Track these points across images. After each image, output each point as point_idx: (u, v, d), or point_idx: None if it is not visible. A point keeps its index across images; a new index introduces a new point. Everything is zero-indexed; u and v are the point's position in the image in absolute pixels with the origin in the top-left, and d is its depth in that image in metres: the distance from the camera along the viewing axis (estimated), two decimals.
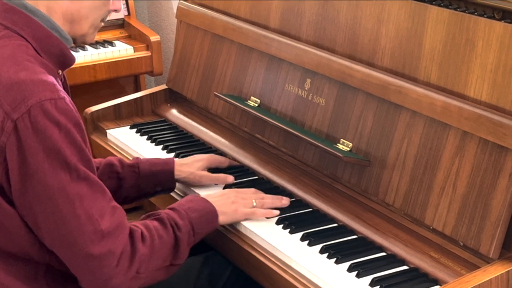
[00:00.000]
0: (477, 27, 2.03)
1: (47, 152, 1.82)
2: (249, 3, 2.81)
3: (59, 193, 1.85)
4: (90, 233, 1.87)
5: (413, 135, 2.14)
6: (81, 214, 1.86)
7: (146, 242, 1.98)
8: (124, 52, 3.89)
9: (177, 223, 2.06)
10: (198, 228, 2.10)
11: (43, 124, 1.82)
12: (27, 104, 1.82)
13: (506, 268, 1.87)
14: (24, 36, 1.96)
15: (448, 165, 2.04)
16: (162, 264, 2.02)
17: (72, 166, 1.85)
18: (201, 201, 2.18)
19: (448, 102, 2.05)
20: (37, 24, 1.98)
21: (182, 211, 2.10)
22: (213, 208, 2.17)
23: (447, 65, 2.10)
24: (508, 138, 1.90)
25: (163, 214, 2.08)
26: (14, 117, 1.82)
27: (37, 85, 1.84)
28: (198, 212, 2.12)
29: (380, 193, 2.21)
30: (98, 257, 1.88)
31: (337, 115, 2.37)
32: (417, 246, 2.09)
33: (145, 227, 2.01)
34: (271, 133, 2.61)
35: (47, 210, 1.86)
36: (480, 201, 1.95)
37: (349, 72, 2.33)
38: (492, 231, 1.91)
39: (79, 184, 1.87)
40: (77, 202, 1.86)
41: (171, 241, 2.04)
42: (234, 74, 2.80)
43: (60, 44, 2.01)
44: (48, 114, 1.83)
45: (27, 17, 1.97)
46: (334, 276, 2.01)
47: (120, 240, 1.91)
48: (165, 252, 2.02)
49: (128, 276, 1.94)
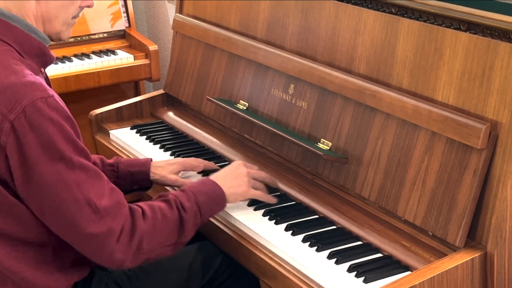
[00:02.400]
0: (444, 38, 2.03)
1: (43, 146, 1.84)
2: (238, 16, 2.80)
3: (58, 182, 1.85)
4: (90, 214, 1.88)
5: (386, 135, 2.14)
6: (80, 198, 1.87)
7: (147, 220, 1.98)
8: (125, 60, 3.88)
9: (183, 205, 2.06)
10: (205, 210, 2.10)
11: (37, 121, 1.83)
12: (22, 105, 1.83)
13: (471, 255, 1.87)
14: (6, 41, 1.96)
15: (418, 162, 2.03)
16: (166, 242, 2.02)
17: (67, 157, 1.86)
18: (211, 184, 2.17)
19: (418, 105, 2.04)
20: (16, 28, 1.97)
21: (191, 193, 2.10)
22: (222, 191, 2.16)
23: (418, 72, 2.10)
24: (472, 138, 1.89)
25: (171, 196, 2.08)
26: (11, 118, 1.83)
27: (27, 87, 1.85)
28: (207, 195, 2.12)
29: (356, 188, 2.21)
30: (99, 235, 1.89)
31: (318, 117, 2.36)
32: (390, 236, 2.08)
33: (149, 206, 2.01)
34: (258, 134, 2.60)
35: (49, 198, 1.87)
36: (447, 195, 1.95)
37: (328, 78, 2.32)
38: (458, 222, 1.90)
39: (75, 172, 1.87)
40: (75, 188, 1.87)
41: (175, 220, 2.03)
42: (224, 80, 2.79)
43: (39, 44, 2.01)
44: (41, 111, 1.83)
45: (5, 23, 1.97)
46: (315, 262, 2.01)
47: (119, 218, 1.92)
48: (168, 231, 2.01)
49: (130, 251, 1.94)
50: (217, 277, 2.25)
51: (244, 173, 2.26)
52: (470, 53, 1.96)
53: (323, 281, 1.94)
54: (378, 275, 1.93)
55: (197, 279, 2.22)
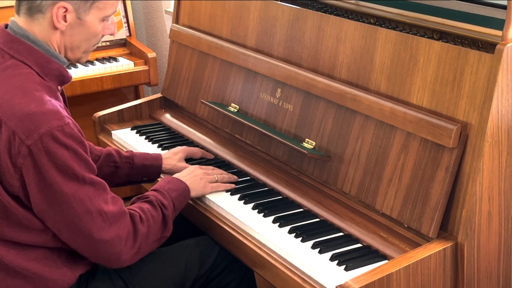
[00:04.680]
0: (419, 46, 2.02)
1: (58, 168, 1.86)
2: (230, 26, 2.79)
3: (72, 198, 1.88)
4: (100, 223, 1.92)
5: (365, 135, 2.13)
6: (92, 210, 1.90)
7: (144, 223, 2.03)
8: (126, 67, 3.88)
9: (163, 204, 2.11)
10: (178, 204, 2.16)
11: (53, 148, 1.85)
12: (39, 132, 1.84)
13: (443, 245, 1.86)
14: (28, 64, 1.96)
15: (395, 160, 2.02)
16: (155, 238, 2.08)
17: (79, 176, 1.89)
18: (177, 181, 2.22)
19: (394, 108, 2.03)
20: (38, 52, 1.97)
21: (165, 192, 2.15)
22: (187, 186, 2.22)
23: (394, 77, 2.09)
24: (444, 138, 1.88)
25: (152, 197, 2.12)
26: (28, 143, 1.84)
27: (46, 116, 1.86)
28: (177, 191, 2.17)
29: (338, 183, 2.19)
30: (109, 241, 1.93)
31: (303, 118, 2.35)
32: (369, 228, 2.07)
33: (141, 210, 2.05)
34: (248, 134, 2.59)
35: (64, 211, 1.89)
36: (421, 190, 1.94)
37: (312, 83, 2.31)
38: (432, 215, 1.90)
39: (86, 187, 1.90)
40: (88, 202, 1.90)
41: (160, 218, 2.08)
42: (217, 84, 2.78)
43: (59, 67, 2.02)
44: (57, 139, 1.85)
45: (29, 46, 1.96)
46: (300, 252, 2.00)
47: (123, 225, 1.96)
48: (157, 228, 2.07)
49: (133, 252, 2.00)
50: (214, 268, 2.24)
51: (200, 172, 2.31)
52: (442, 60, 1.95)
53: (308, 269, 1.93)
54: (358, 263, 1.92)
55: (194, 270, 2.21)
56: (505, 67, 1.80)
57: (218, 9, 2.86)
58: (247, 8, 2.69)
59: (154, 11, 4.44)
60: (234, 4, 2.77)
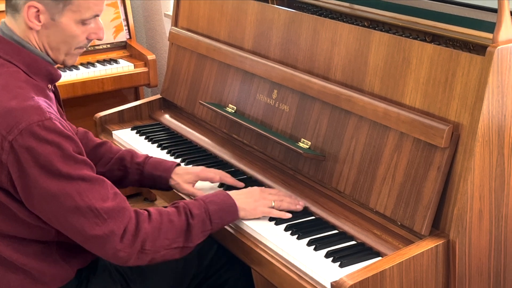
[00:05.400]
0: (412, 48, 2.01)
1: (40, 165, 1.80)
2: (227, 29, 2.79)
3: (60, 193, 1.82)
4: (93, 218, 1.84)
5: (360, 135, 2.12)
6: (82, 205, 1.83)
7: (152, 222, 1.92)
8: (126, 69, 3.88)
9: (191, 211, 1.98)
10: (216, 218, 2.01)
11: (34, 143, 1.79)
12: (19, 128, 1.79)
13: (435, 243, 1.86)
14: (15, 63, 1.93)
15: (388, 159, 2.02)
16: (172, 245, 1.94)
17: (64, 172, 1.81)
18: (224, 196, 2.08)
19: (388, 108, 2.03)
20: (24, 52, 1.94)
21: (202, 202, 2.02)
22: (234, 202, 2.07)
23: (388, 79, 2.08)
24: (437, 138, 1.88)
25: (181, 203, 2.00)
26: (9, 139, 1.80)
27: (26, 111, 1.81)
28: (218, 205, 2.03)
29: (333, 182, 2.19)
30: (102, 236, 1.85)
31: (299, 119, 2.35)
32: (363, 225, 2.07)
33: (157, 211, 1.96)
34: (245, 134, 2.58)
35: (53, 208, 1.84)
36: (414, 189, 1.93)
37: (308, 84, 2.31)
38: (424, 213, 1.89)
39: (75, 182, 1.83)
40: (77, 197, 1.83)
41: (182, 225, 1.96)
42: (215, 86, 2.78)
43: (46, 65, 1.97)
44: (37, 134, 1.79)
45: (15, 46, 1.94)
46: (296, 249, 1.99)
47: (121, 220, 1.87)
48: (174, 234, 1.94)
49: (134, 250, 1.89)
50: (212, 265, 2.23)
51: (257, 194, 2.15)
52: (434, 62, 1.94)
53: (304, 266, 1.92)
54: (352, 260, 1.92)
55: (193, 267, 2.20)
56: (495, 69, 1.79)
57: (216, 13, 2.86)
58: (244, 12, 2.69)
59: (153, 14, 4.43)
60: (231, 7, 2.76)
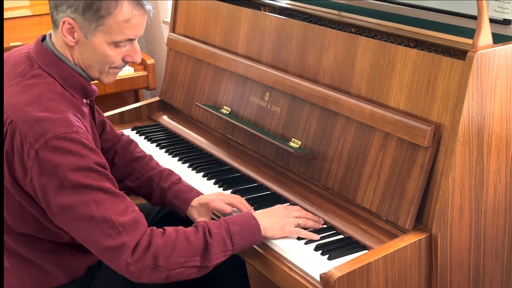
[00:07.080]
0: (396, 53, 2.01)
1: (61, 175, 1.76)
2: (222, 35, 2.78)
3: (77, 203, 1.77)
4: (107, 229, 1.78)
5: (347, 135, 2.12)
6: (98, 215, 1.77)
7: (165, 239, 1.82)
8: (127, 72, 3.86)
9: (210, 231, 1.87)
10: (238, 239, 1.90)
11: (57, 153, 1.76)
12: (46, 137, 1.76)
13: (419, 237, 1.86)
14: (53, 75, 1.89)
15: (374, 158, 2.01)
16: (188, 263, 1.84)
17: (84, 184, 1.77)
18: (248, 217, 1.96)
19: (374, 110, 2.02)
20: (62, 65, 1.91)
21: (224, 222, 1.91)
22: (257, 223, 1.95)
23: (373, 82, 2.08)
24: (419, 138, 1.87)
25: (202, 222, 1.90)
26: (36, 147, 1.76)
27: (54, 122, 1.78)
28: (240, 225, 1.92)
29: (322, 180, 2.18)
30: (114, 248, 1.78)
31: (289, 120, 2.34)
32: (350, 220, 2.06)
33: (174, 229, 1.86)
34: (239, 134, 2.57)
35: (70, 217, 1.79)
36: (398, 186, 1.93)
37: (298, 87, 2.30)
38: (408, 209, 1.89)
39: (94, 193, 1.78)
40: (93, 206, 1.77)
41: (199, 244, 1.85)
42: (210, 89, 2.77)
43: (82, 81, 1.94)
44: (61, 145, 1.76)
45: (55, 59, 1.91)
46: (287, 243, 1.98)
47: (135, 234, 1.79)
48: (190, 252, 1.83)
49: (145, 265, 1.79)
50: None
51: (283, 213, 2.03)
52: (417, 66, 1.94)
53: (294, 259, 1.92)
54: (340, 253, 1.91)
55: None
56: (475, 73, 1.79)
57: (212, 20, 2.85)
58: (238, 19, 2.68)
59: (152, 21, 4.42)
60: (226, 15, 2.76)
